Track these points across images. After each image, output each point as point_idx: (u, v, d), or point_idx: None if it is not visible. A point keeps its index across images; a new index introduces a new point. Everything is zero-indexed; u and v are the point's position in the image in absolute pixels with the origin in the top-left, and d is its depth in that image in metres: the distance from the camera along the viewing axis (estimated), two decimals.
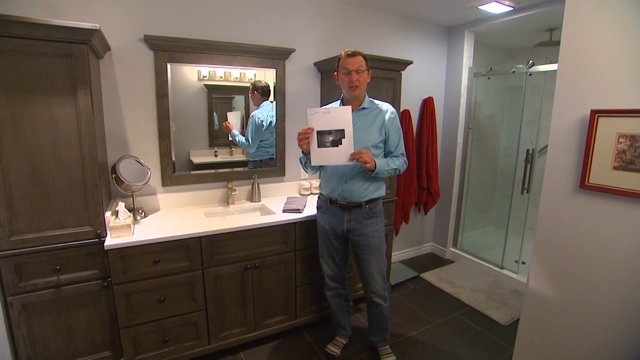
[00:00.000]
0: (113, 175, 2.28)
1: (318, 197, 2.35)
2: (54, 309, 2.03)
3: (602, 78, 1.86)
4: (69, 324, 2.09)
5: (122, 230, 2.05)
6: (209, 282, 2.26)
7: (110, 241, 2.00)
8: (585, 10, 1.92)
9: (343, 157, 1.97)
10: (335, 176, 2.18)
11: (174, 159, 2.61)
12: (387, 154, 2.19)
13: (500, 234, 4.16)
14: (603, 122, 1.82)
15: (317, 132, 1.97)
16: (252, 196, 2.86)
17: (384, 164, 2.09)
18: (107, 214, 2.11)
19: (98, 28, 1.83)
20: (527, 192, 3.43)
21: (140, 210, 2.44)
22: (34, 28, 1.72)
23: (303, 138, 2.00)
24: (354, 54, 2.06)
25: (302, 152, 2.11)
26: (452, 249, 4.16)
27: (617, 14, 1.80)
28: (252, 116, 2.86)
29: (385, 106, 2.18)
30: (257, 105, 2.88)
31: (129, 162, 2.37)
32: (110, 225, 2.05)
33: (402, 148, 2.19)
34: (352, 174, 2.14)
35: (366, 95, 2.19)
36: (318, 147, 1.97)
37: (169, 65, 2.48)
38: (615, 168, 1.80)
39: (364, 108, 2.16)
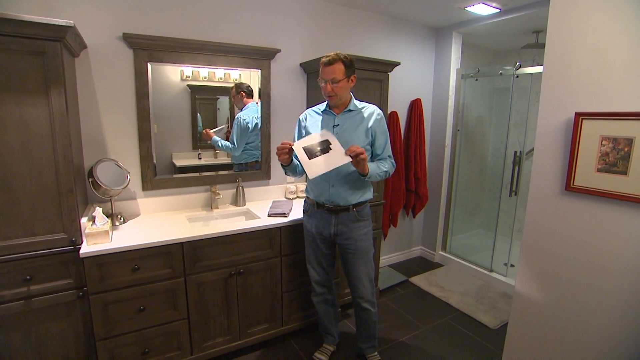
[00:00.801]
0: (90, 179, 2.23)
1: (305, 200, 2.35)
2: (24, 322, 1.95)
3: (587, 81, 1.90)
4: (39, 339, 2.01)
5: (99, 236, 2.01)
6: (192, 289, 2.23)
7: (87, 248, 1.95)
8: (569, 13, 1.96)
9: (338, 158, 1.96)
10: (322, 180, 2.18)
11: (155, 161, 2.58)
12: (374, 156, 2.19)
13: (489, 237, 4.20)
14: (587, 125, 1.86)
15: (303, 148, 1.99)
16: (237, 200, 2.84)
17: (375, 168, 2.09)
18: (83, 220, 2.06)
19: (72, 25, 1.78)
20: (515, 195, 3.47)
21: (119, 216, 2.39)
22: (2, 23, 1.66)
23: (282, 153, 2.02)
24: (330, 62, 2.04)
25: (282, 164, 2.12)
26: (441, 252, 4.18)
27: (601, 16, 1.85)
28: (238, 118, 2.85)
29: (372, 108, 2.18)
30: (241, 108, 2.87)
31: (107, 165, 2.33)
32: (86, 231, 1.99)
33: (389, 150, 2.19)
34: (338, 177, 2.14)
35: (352, 98, 2.19)
36: (309, 159, 1.97)
37: (149, 65, 2.45)
38: (599, 170, 1.84)
39: (349, 110, 2.16)
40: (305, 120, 2.27)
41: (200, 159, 2.79)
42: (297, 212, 2.67)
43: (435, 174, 4.12)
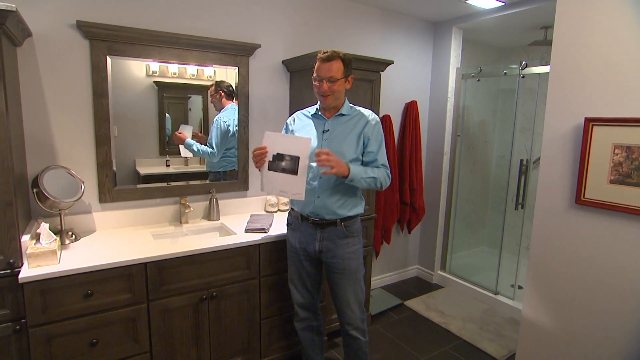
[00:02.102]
0: (35, 190, 2.17)
1: (289, 212, 2.36)
2: None
3: (597, 83, 1.93)
4: None
5: (45, 257, 1.94)
6: (156, 317, 2.19)
7: (28, 272, 1.87)
8: (578, 8, 2.00)
9: (293, 188, 2.02)
10: (307, 190, 2.18)
11: (115, 169, 2.55)
12: (365, 164, 2.18)
13: (494, 255, 4.20)
14: (598, 132, 1.88)
15: (274, 154, 2.04)
16: (210, 214, 2.83)
17: (360, 170, 2.07)
18: (25, 238, 1.99)
19: (14, 9, 1.74)
20: (522, 208, 3.50)
21: (70, 233, 2.34)
22: None
23: (259, 159, 2.06)
24: (329, 59, 2.06)
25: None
26: (440, 272, 4.19)
27: (613, 13, 1.89)
28: (217, 120, 2.86)
29: (367, 113, 2.19)
30: (220, 109, 2.87)
31: (56, 173, 2.27)
32: (28, 252, 1.92)
33: (383, 158, 2.18)
34: (325, 187, 2.14)
35: (346, 101, 2.21)
36: (268, 169, 2.04)
37: (109, 59, 2.43)
38: (611, 182, 1.86)
39: (341, 114, 2.17)
40: (293, 123, 2.29)
41: (168, 166, 2.76)
42: (278, 227, 2.66)
43: (432, 185, 4.14)
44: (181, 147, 2.79)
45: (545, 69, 3.25)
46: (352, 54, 2.79)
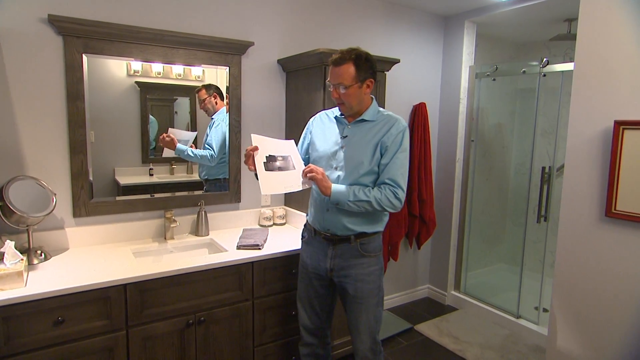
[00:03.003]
0: None
1: (304, 225, 2.37)
2: None
3: (628, 82, 1.91)
4: None
5: (9, 280, 1.91)
6: (136, 346, 2.16)
7: None
8: None
9: (296, 180, 2.10)
10: (316, 201, 2.20)
11: (91, 179, 2.55)
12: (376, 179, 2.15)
13: (514, 273, 4.18)
14: (630, 136, 1.86)
15: (266, 156, 2.12)
16: (198, 229, 2.83)
17: (346, 192, 2.02)
18: None
19: None
20: (545, 220, 3.48)
21: (40, 252, 2.32)
22: None
23: (249, 157, 2.09)
24: (339, 62, 2.03)
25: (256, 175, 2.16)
26: (454, 292, 4.17)
27: None
28: (215, 119, 2.91)
29: (393, 120, 2.13)
30: (212, 115, 2.91)
31: (24, 184, 2.26)
32: None
33: (392, 173, 2.06)
34: None
35: (373, 105, 2.17)
36: (266, 170, 2.09)
37: (85, 57, 2.42)
38: None
39: (363, 120, 2.14)
40: (312, 125, 2.32)
41: (151, 175, 2.77)
42: (273, 243, 2.67)
43: (444, 195, 4.13)
44: (167, 150, 2.82)
45: (569, 66, 3.23)
46: None
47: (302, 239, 2.36)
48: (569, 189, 2.15)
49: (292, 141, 2.19)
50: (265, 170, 2.08)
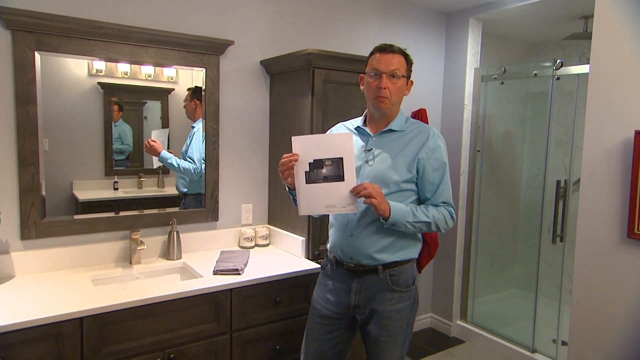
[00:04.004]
0: None
1: (326, 254, 2.30)
2: None
3: None
4: None
5: None
6: None
7: None
8: None
9: (343, 197, 1.93)
10: (338, 223, 2.12)
11: (44, 194, 2.51)
12: (423, 201, 2.11)
13: (528, 300, 4.16)
14: None
15: (308, 162, 1.97)
16: (169, 251, 2.81)
17: (406, 212, 1.97)
18: None
19: None
20: (562, 241, 3.48)
21: None
22: None
23: (286, 168, 1.97)
24: (390, 50, 2.04)
25: (288, 187, 2.10)
26: (460, 322, 4.14)
27: None
28: (196, 129, 2.94)
29: (426, 130, 2.13)
30: (194, 119, 2.95)
31: None
32: None
33: (446, 194, 2.09)
34: (360, 220, 2.06)
35: (400, 113, 2.16)
36: (307, 182, 1.96)
37: (38, 55, 2.40)
38: None
39: (391, 130, 2.11)
40: None
41: (116, 189, 2.76)
42: (255, 267, 2.66)
43: None
44: (154, 157, 2.86)
45: (585, 68, 3.18)
46: (344, 54, 2.92)
47: (321, 269, 2.30)
48: (585, 207, 2.14)
49: (350, 135, 1.95)
50: (307, 182, 1.95)
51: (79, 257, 2.60)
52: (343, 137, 1.95)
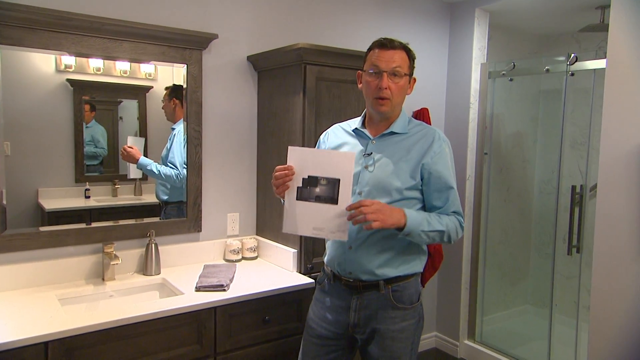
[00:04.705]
0: None
1: (322, 268, 2.30)
2: None
3: None
4: None
5: None
6: None
7: None
8: None
9: (335, 224, 1.93)
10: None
11: (5, 204, 2.49)
12: (429, 209, 2.10)
13: (542, 317, 4.12)
14: None
15: (302, 178, 1.98)
16: (147, 266, 2.79)
17: (420, 219, 1.95)
18: None
19: None
20: (578, 252, 3.47)
21: None
22: None
23: (281, 183, 1.98)
24: (391, 45, 2.03)
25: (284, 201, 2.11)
26: (467, 342, 4.12)
27: None
28: (177, 132, 2.94)
29: (430, 132, 2.13)
30: (174, 120, 2.95)
31: None
32: None
33: (455, 203, 2.08)
34: (361, 233, 2.05)
35: (402, 114, 2.16)
36: (298, 198, 1.97)
37: None
38: None
39: (393, 133, 2.10)
40: (327, 141, 2.26)
41: (88, 198, 2.73)
42: (242, 282, 2.64)
43: None
44: (131, 166, 2.85)
45: (602, 63, 3.17)
46: (338, 48, 2.86)
47: (317, 285, 2.28)
48: (603, 215, 2.12)
49: (352, 156, 1.95)
50: (298, 198, 1.97)
51: (44, 273, 2.57)
52: (344, 157, 1.94)
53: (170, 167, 2.91)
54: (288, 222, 1.99)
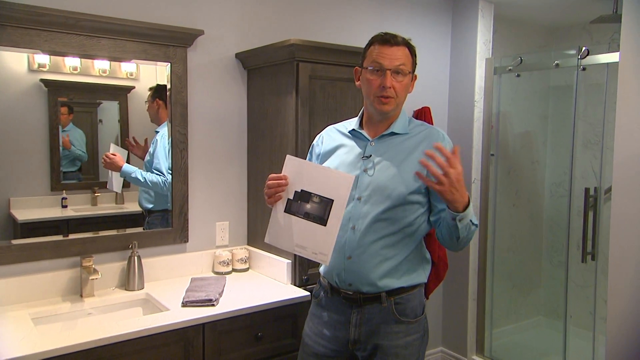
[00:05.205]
0: None
1: (318, 280, 2.29)
2: None
3: None
4: None
5: None
6: None
7: None
8: None
9: (319, 245, 1.95)
10: (334, 244, 2.08)
11: None
12: (437, 213, 2.09)
13: (555, 330, 4.13)
14: None
15: (295, 190, 2.00)
16: (129, 280, 2.77)
17: (471, 209, 1.93)
18: None
19: None
20: (593, 259, 3.47)
21: None
22: None
23: (273, 193, 1.99)
24: (394, 41, 2.03)
25: None
26: (476, 357, 4.10)
27: None
28: (161, 135, 2.94)
29: (435, 133, 2.13)
30: (159, 123, 2.95)
31: None
32: None
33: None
34: (362, 241, 2.03)
35: (403, 114, 2.16)
36: (285, 210, 2.00)
37: None
38: None
39: (393, 134, 2.11)
40: (322, 144, 2.26)
41: (65, 207, 2.72)
42: (232, 296, 2.64)
43: None
44: (113, 174, 2.85)
45: (615, 56, 3.16)
46: (332, 44, 2.87)
47: (314, 298, 2.28)
48: (619, 219, 2.11)
49: (352, 179, 1.95)
50: (286, 210, 1.99)
51: (16, 290, 2.54)
52: (343, 179, 1.95)
53: (156, 174, 2.90)
54: (272, 232, 2.01)
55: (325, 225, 1.93)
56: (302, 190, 1.98)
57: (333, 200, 1.93)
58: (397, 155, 2.06)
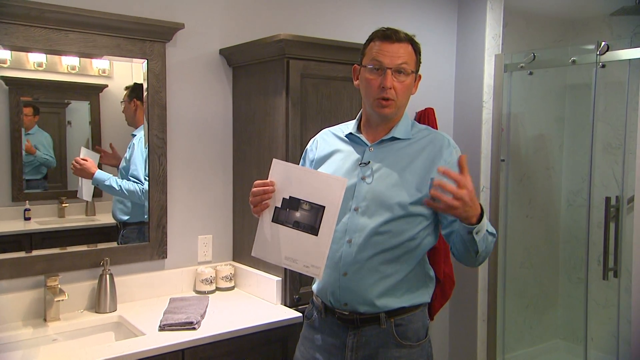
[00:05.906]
0: None
1: (311, 300, 2.28)
2: None
3: None
4: None
5: None
6: None
7: None
8: None
9: (311, 257, 1.94)
10: (328, 259, 2.03)
11: None
12: (445, 228, 2.10)
13: (575, 354, 4.15)
14: None
15: (283, 197, 1.99)
16: (100, 302, 2.74)
17: (485, 218, 1.92)
18: None
19: None
20: (615, 276, 3.45)
21: None
22: None
23: (259, 201, 1.99)
24: (396, 37, 2.02)
25: None
26: None
27: None
28: (137, 139, 2.94)
29: (439, 138, 2.13)
30: (136, 125, 2.96)
31: None
32: None
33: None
34: (358, 256, 2.01)
35: (405, 117, 2.16)
36: (273, 220, 1.99)
37: None
38: None
39: (394, 139, 2.09)
40: (315, 149, 2.26)
41: (28, 219, 2.72)
42: (216, 318, 2.63)
43: None
44: (84, 182, 2.84)
45: (638, 52, 3.25)
46: (328, 40, 2.90)
47: (305, 320, 2.26)
48: None
49: (344, 182, 1.93)
50: (274, 220, 1.98)
51: None
52: (334, 182, 1.94)
53: (133, 181, 2.89)
54: (259, 245, 2.00)
55: (316, 235, 1.92)
56: (290, 196, 1.97)
57: (324, 207, 1.92)
58: (399, 162, 2.05)
